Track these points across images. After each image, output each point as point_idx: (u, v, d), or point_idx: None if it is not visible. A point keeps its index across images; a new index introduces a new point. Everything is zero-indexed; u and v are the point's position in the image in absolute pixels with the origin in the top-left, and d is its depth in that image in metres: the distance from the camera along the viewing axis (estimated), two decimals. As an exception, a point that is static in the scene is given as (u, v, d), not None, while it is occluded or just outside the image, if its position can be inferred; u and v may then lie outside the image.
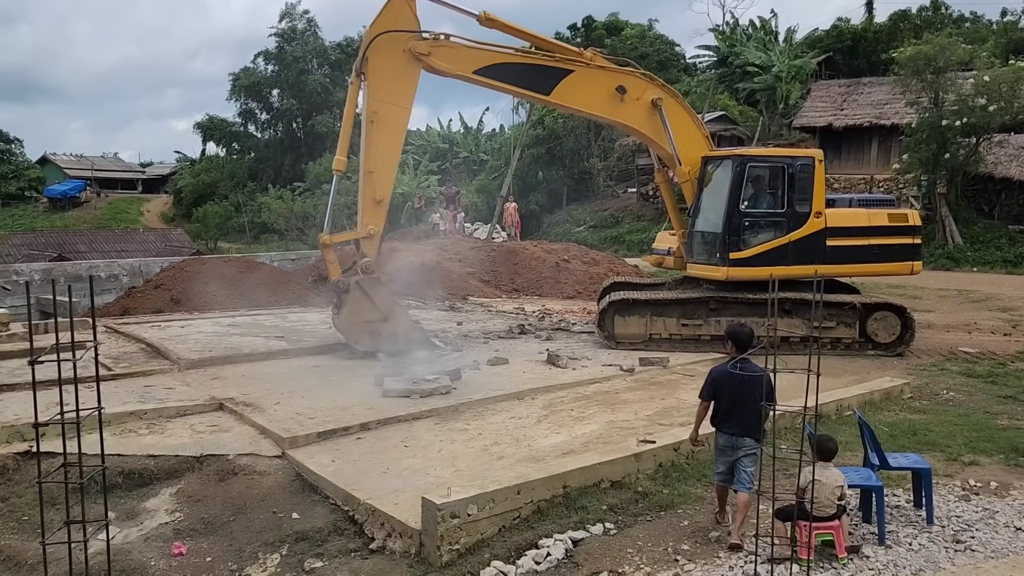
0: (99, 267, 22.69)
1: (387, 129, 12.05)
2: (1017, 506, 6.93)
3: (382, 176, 12.16)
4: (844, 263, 13.13)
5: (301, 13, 57.62)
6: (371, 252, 12.22)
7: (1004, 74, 24.86)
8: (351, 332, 12.31)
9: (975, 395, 10.71)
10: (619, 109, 13.23)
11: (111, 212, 62.76)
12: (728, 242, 12.94)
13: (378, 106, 11.94)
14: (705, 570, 5.90)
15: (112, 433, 8.74)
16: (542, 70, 12.77)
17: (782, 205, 13.08)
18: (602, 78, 13.13)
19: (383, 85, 12.01)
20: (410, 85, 12.24)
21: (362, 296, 12.10)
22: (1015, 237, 26.03)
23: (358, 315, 12.17)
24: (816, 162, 13.12)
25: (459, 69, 12.38)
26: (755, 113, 43.79)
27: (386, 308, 12.33)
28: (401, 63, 11.98)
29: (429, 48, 12.06)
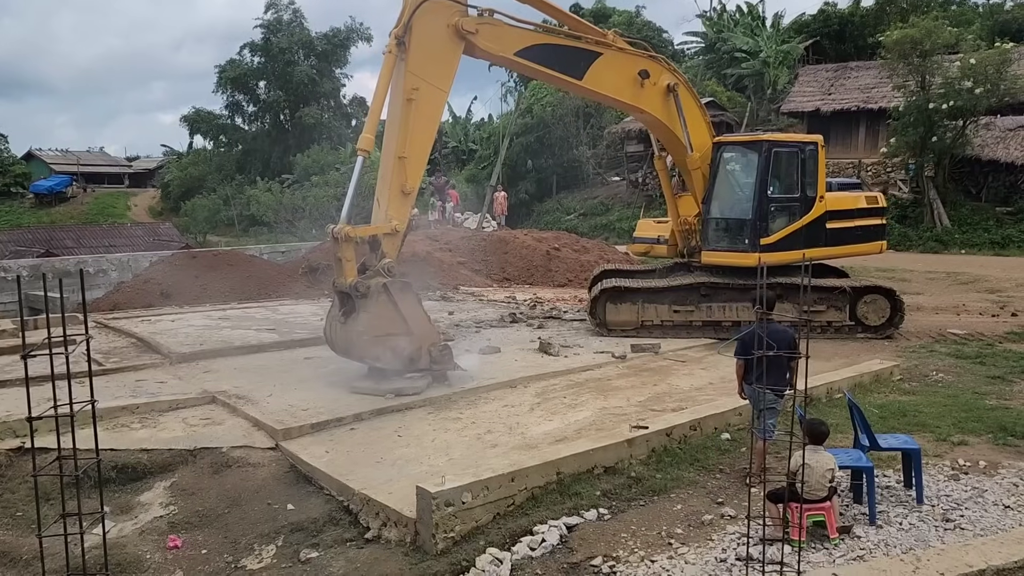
0: (87, 263, 22.53)
1: (425, 111, 10.55)
2: (1006, 484, 7.00)
3: (414, 164, 10.51)
4: (839, 245, 13.43)
5: (287, 4, 57.09)
6: (392, 251, 10.35)
7: (990, 56, 24.93)
8: (371, 346, 9.94)
9: (964, 376, 10.79)
10: (640, 95, 12.89)
11: (98, 207, 62.37)
12: (759, 227, 12.93)
13: (420, 83, 10.37)
14: (699, 552, 5.95)
15: (105, 428, 8.71)
16: (576, 52, 12.14)
17: (797, 189, 13.17)
18: (626, 62, 12.80)
19: (427, 59, 10.52)
20: (452, 66, 10.95)
21: (387, 303, 9.95)
22: (1002, 219, 26.17)
23: (380, 326, 9.91)
24: (819, 147, 13.26)
25: (502, 50, 11.39)
26: (743, 99, 43.82)
27: (413, 319, 10.17)
28: (446, 38, 10.68)
29: (477, 25, 10.83)
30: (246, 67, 56.84)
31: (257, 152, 56.99)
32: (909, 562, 4.90)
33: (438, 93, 10.81)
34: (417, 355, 10.06)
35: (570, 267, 20.96)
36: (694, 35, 53.27)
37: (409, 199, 10.62)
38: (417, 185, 10.85)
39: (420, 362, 10.11)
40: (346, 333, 10.22)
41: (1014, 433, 8.28)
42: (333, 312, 10.64)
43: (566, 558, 6.06)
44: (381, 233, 10.23)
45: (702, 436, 8.22)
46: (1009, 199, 26.98)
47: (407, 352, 9.98)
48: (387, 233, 10.26)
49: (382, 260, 10.12)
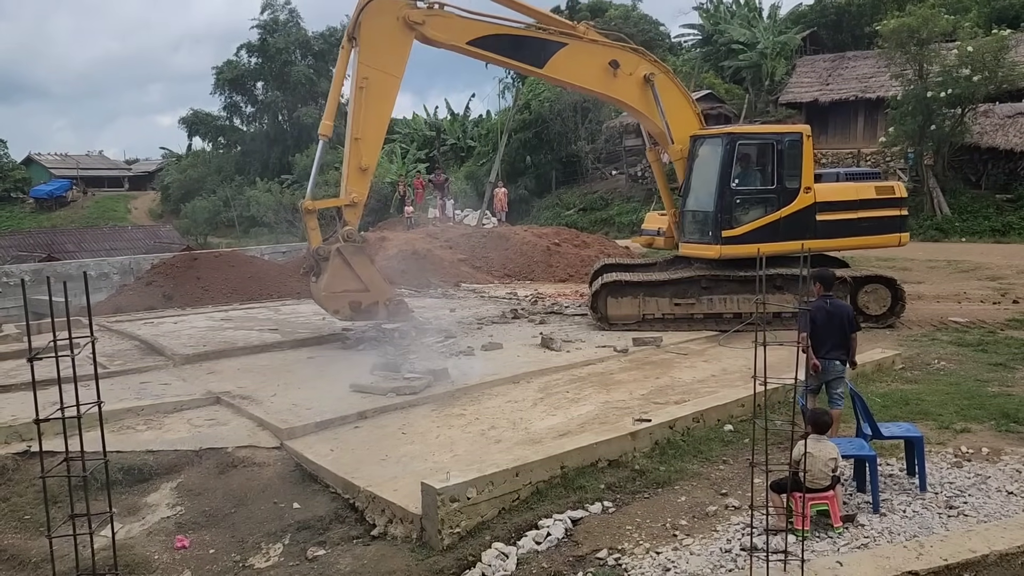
0: (89, 266, 22.55)
1: (376, 96, 11.93)
2: (1008, 471, 7.02)
3: (369, 143, 12.05)
4: (834, 237, 13.19)
5: (283, 4, 57.20)
6: (353, 220, 12.08)
7: (987, 44, 24.84)
8: (330, 301, 12.01)
9: (966, 364, 10.79)
10: (612, 84, 13.21)
11: (98, 210, 62.46)
12: (720, 220, 12.96)
13: (369, 72, 11.79)
14: (703, 544, 5.98)
15: (110, 430, 8.73)
16: (536, 42, 12.73)
17: (772, 181, 13.11)
18: (595, 52, 13.09)
19: (375, 51, 11.84)
20: (402, 54, 12.09)
21: (342, 264, 11.84)
22: (1002, 206, 26.12)
23: (338, 284, 11.87)
24: (804, 137, 13.12)
25: (453, 39, 12.26)
26: (741, 91, 43.75)
27: (368, 278, 12.09)
28: (395, 30, 11.84)
29: (424, 16, 11.91)
30: (243, 68, 56.90)
31: (256, 153, 57.05)
32: (912, 549, 4.92)
33: (389, 79, 12.05)
34: (373, 309, 12.12)
35: (571, 262, 20.99)
36: (691, 27, 53.20)
37: (367, 174, 12.15)
38: (373, 162, 12.44)
39: (378, 314, 12.23)
40: (315, 291, 12.36)
41: (1016, 420, 8.29)
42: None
43: (571, 551, 6.09)
44: (342, 205, 12.00)
45: (705, 428, 8.25)
46: (1009, 186, 26.92)
47: (364, 305, 12.02)
48: (347, 205, 11.97)
49: (344, 228, 11.96)
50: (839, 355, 7.54)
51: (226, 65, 57.15)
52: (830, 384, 7.62)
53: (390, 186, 37.40)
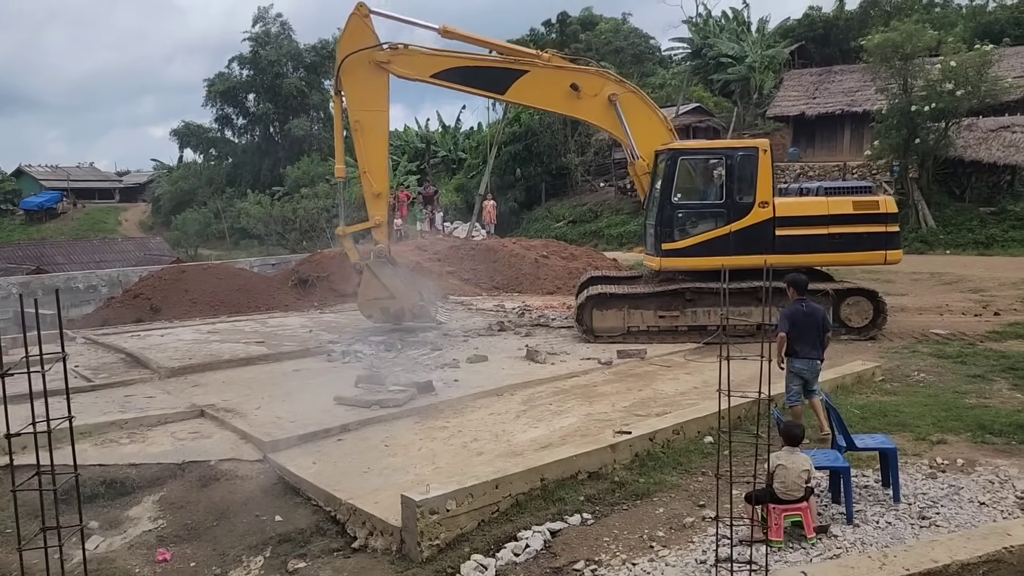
0: (77, 278, 22.58)
1: (370, 133, 13.80)
2: (982, 482, 7.11)
3: (375, 172, 13.94)
4: (797, 252, 12.95)
5: (274, 16, 57.41)
6: (382, 238, 14.28)
7: (970, 59, 25.17)
8: (364, 307, 14.58)
9: (945, 375, 10.91)
10: (575, 105, 14.00)
11: (88, 222, 62.32)
12: (660, 233, 13.30)
13: (359, 115, 13.70)
14: (679, 555, 6.05)
15: (93, 443, 8.82)
16: (496, 72, 13.91)
17: (721, 196, 13.26)
18: (557, 77, 13.82)
19: (359, 96, 13.69)
20: (382, 91, 13.75)
21: (371, 277, 14.14)
22: (986, 219, 26.38)
23: (369, 293, 14.30)
24: (760, 152, 13.17)
25: (417, 74, 13.80)
26: (730, 104, 44.10)
27: (393, 287, 14.21)
28: (370, 74, 13.54)
29: (389, 57, 13.55)
30: (235, 80, 57.01)
31: (247, 165, 57.09)
32: (876, 559, 5.01)
33: (378, 115, 13.88)
34: (401, 313, 14.42)
35: (558, 274, 21.08)
36: (680, 41, 53.64)
37: (381, 198, 14.20)
38: (384, 187, 14.48)
39: (404, 318, 14.47)
40: (358, 300, 14.86)
41: (992, 431, 8.40)
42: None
43: (549, 563, 6.15)
44: (369, 227, 14.29)
45: (685, 440, 8.33)
46: (992, 199, 27.20)
47: (393, 311, 14.37)
48: (373, 226, 14.18)
49: (375, 246, 14.30)
50: (817, 355, 8.16)
51: (218, 77, 57.26)
52: (809, 382, 8.19)
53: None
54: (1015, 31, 42.02)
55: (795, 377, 8.20)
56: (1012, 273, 19.55)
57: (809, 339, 8.06)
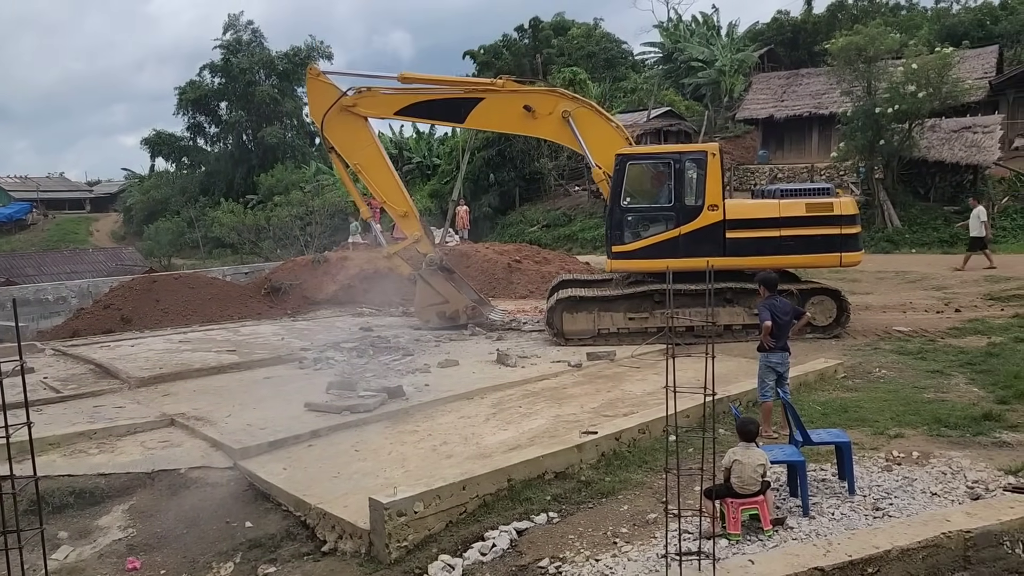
0: (47, 290, 22.38)
1: (371, 169, 15.22)
2: (935, 473, 7.33)
3: (393, 199, 15.33)
4: (747, 255, 13.13)
5: (245, 24, 57.22)
6: (427, 248, 15.61)
7: (931, 61, 25.67)
8: (421, 314, 15.66)
9: (905, 371, 11.16)
10: (531, 125, 14.70)
11: (59, 233, 61.68)
12: (611, 236, 13.63)
13: (355, 159, 15.21)
14: (641, 550, 6.19)
15: (62, 454, 8.81)
16: (454, 102, 14.81)
17: (669, 200, 13.49)
18: (511, 100, 14.50)
19: (347, 144, 15.14)
20: (363, 131, 15.18)
21: (425, 285, 15.34)
22: (950, 218, 26.87)
23: (424, 300, 15.47)
24: (709, 156, 13.35)
25: (382, 113, 15.41)
26: (701, 107, 44.64)
27: (446, 292, 15.42)
28: (346, 122, 14.98)
29: (354, 100, 14.88)
30: (207, 88, 56.72)
31: (220, 173, 56.78)
32: (821, 547, 5.19)
33: (369, 149, 15.27)
34: (455, 315, 15.47)
35: (531, 279, 21.21)
36: (652, 46, 54.28)
37: (408, 217, 15.47)
38: (406, 206, 15.46)
39: (460, 319, 15.46)
40: (415, 309, 16.08)
41: (948, 424, 8.64)
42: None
43: (515, 561, 6.26)
44: (411, 244, 15.64)
45: (651, 439, 8.48)
46: (956, 198, 27.70)
47: (448, 314, 15.47)
48: (415, 243, 15.53)
49: (425, 257, 15.49)
50: (787, 346, 8.67)
51: (189, 85, 56.94)
52: (782, 376, 8.55)
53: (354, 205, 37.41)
54: (978, 33, 42.94)
55: (770, 371, 8.52)
56: (974, 270, 19.96)
57: (784, 333, 8.51)
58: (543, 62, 48.95)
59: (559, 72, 42.04)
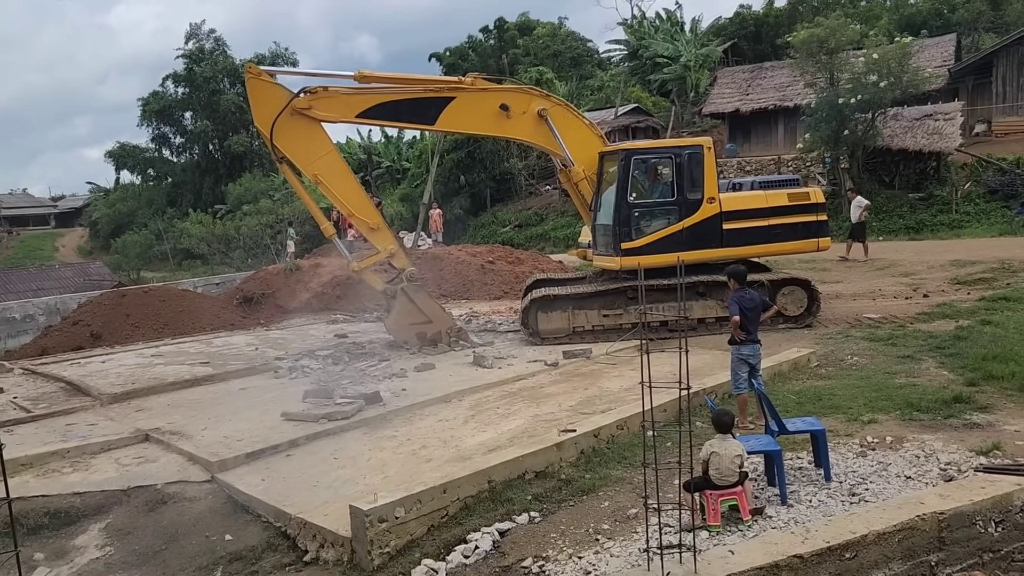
0: (13, 308, 22.03)
1: (332, 178, 13.32)
2: (908, 456, 7.45)
3: (361, 209, 13.63)
4: (743, 245, 13.51)
5: (207, 32, 56.69)
6: (404, 263, 13.92)
7: (892, 51, 26.10)
8: (400, 333, 13.94)
9: (877, 358, 11.32)
10: (506, 125, 13.86)
11: (24, 250, 60.72)
12: (619, 233, 13.40)
13: (313, 170, 13.16)
14: (623, 545, 6.22)
15: (35, 474, 8.68)
16: (422, 103, 13.40)
17: (672, 194, 13.56)
18: (485, 99, 13.71)
19: (302, 153, 13.10)
20: (319, 136, 13.16)
21: (407, 301, 13.77)
22: (915, 205, 27.36)
23: (405, 318, 13.83)
24: (705, 150, 13.57)
25: (341, 115, 13.30)
26: (668, 103, 44.90)
27: (430, 311, 14.03)
28: (299, 127, 12.91)
29: (308, 103, 12.85)
30: (170, 99, 56.14)
31: (187, 184, 56.24)
32: (799, 534, 5.26)
33: (328, 157, 13.36)
34: (437, 336, 13.83)
35: (505, 279, 21.24)
36: (617, 43, 54.53)
37: (380, 230, 13.83)
38: (376, 218, 13.95)
39: (442, 342, 13.77)
40: (387, 324, 14.34)
41: (920, 408, 8.77)
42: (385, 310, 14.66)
43: (498, 562, 6.27)
44: (383, 259, 13.89)
45: (629, 435, 8.53)
46: (920, 185, 28.21)
47: (429, 335, 13.82)
48: (388, 257, 13.82)
49: (407, 270, 13.88)
50: (758, 338, 8.77)
51: (152, 96, 56.33)
52: (755, 367, 8.65)
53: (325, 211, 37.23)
54: (936, 22, 43.70)
55: (743, 364, 8.61)
56: (940, 256, 20.29)
57: (754, 325, 8.63)
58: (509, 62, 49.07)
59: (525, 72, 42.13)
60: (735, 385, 8.73)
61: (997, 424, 8.17)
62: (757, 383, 8.15)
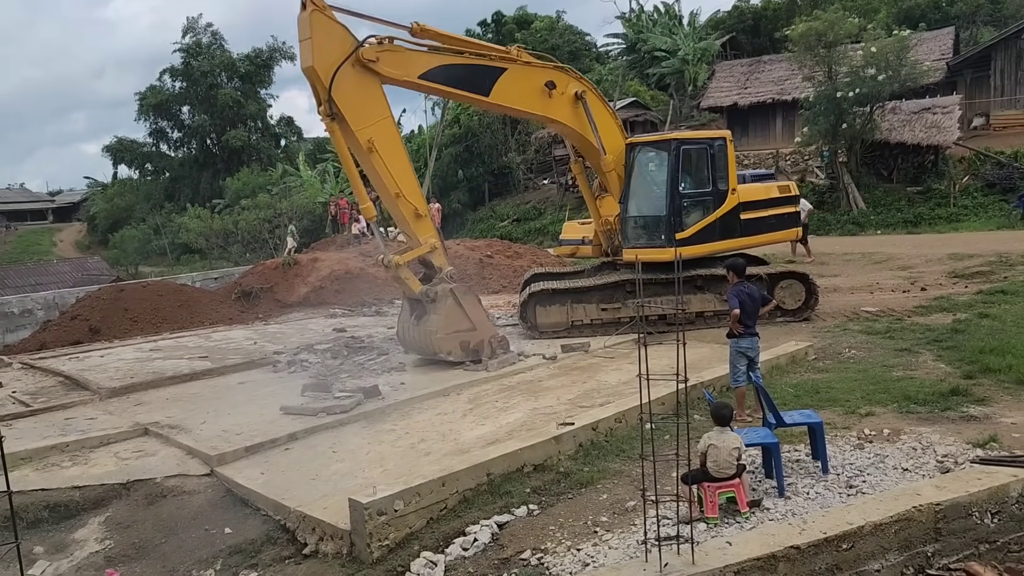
0: (11, 303, 22.01)
1: (388, 148, 11.64)
2: (906, 449, 7.47)
3: (410, 191, 11.86)
4: (754, 234, 13.89)
5: (204, 26, 56.50)
6: (443, 262, 12.24)
7: (890, 44, 26.08)
8: (444, 343, 11.83)
9: (874, 351, 11.34)
10: (549, 105, 13.19)
11: (22, 245, 60.61)
12: (673, 223, 13.24)
13: (369, 133, 11.37)
14: (622, 537, 6.25)
15: (35, 468, 8.70)
16: (481, 70, 12.49)
17: (708, 184, 13.58)
18: (532, 74, 13.08)
19: (360, 113, 11.35)
20: (379, 95, 11.63)
21: (455, 305, 11.89)
22: (913, 198, 27.38)
23: (451, 325, 11.85)
24: (727, 142, 13.74)
25: (406, 74, 11.81)
26: (666, 97, 44.86)
27: (476, 318, 12.13)
28: (361, 81, 11.32)
29: (376, 53, 11.34)
30: (167, 93, 55.94)
31: (185, 178, 56.13)
32: (796, 525, 5.28)
33: (385, 123, 11.67)
34: (480, 347, 11.98)
35: (503, 273, 21.27)
36: (615, 37, 54.33)
37: (424, 219, 12.09)
38: (423, 202, 12.25)
39: (483, 352, 11.96)
40: (420, 333, 12.08)
41: (917, 401, 8.79)
42: (403, 317, 12.56)
43: (497, 554, 6.29)
44: (424, 254, 12.03)
45: (627, 428, 8.55)
46: (918, 179, 28.22)
47: (472, 345, 11.95)
48: (428, 252, 12.03)
49: (444, 270, 12.10)
50: (757, 331, 8.81)
51: (150, 90, 56.13)
52: (753, 360, 8.65)
53: (322, 206, 37.27)
54: (935, 15, 43.63)
55: (741, 357, 8.63)
56: (938, 249, 20.34)
57: (753, 317, 8.67)
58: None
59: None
60: (733, 378, 8.74)
61: (994, 416, 8.19)
62: (755, 376, 8.18)
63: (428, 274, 12.15)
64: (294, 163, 45.61)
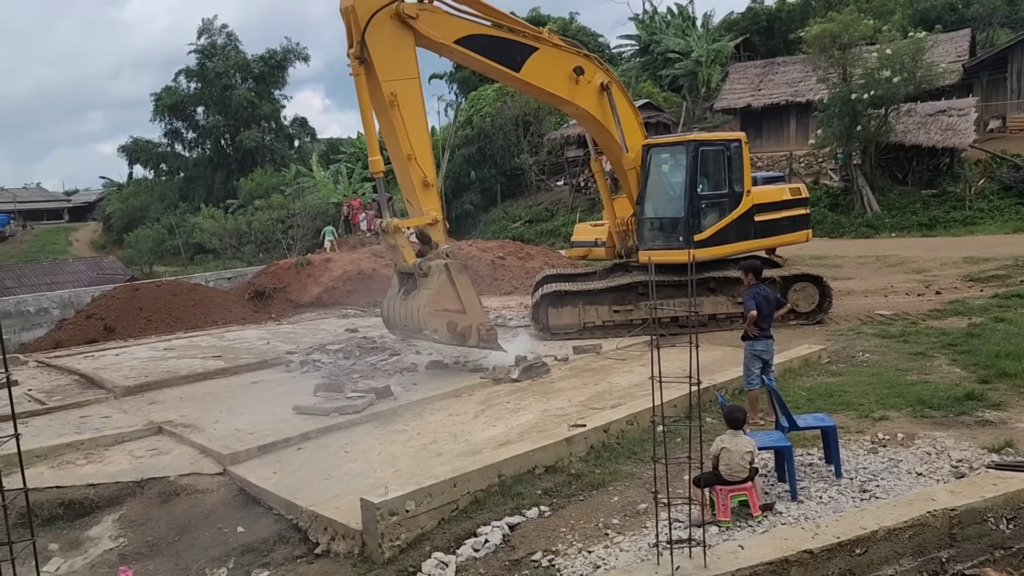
0: (27, 302, 22.19)
1: (410, 106, 11.39)
2: (920, 454, 7.43)
3: (423, 156, 11.57)
4: (767, 236, 13.93)
5: (220, 28, 56.80)
6: (441, 238, 11.85)
7: (905, 46, 25.92)
8: (431, 318, 11.17)
9: (888, 355, 11.28)
10: (575, 91, 13.10)
11: (38, 244, 61.13)
12: (691, 225, 13.26)
13: (394, 86, 11.19)
14: (633, 540, 6.24)
15: (50, 466, 8.77)
16: (514, 46, 12.45)
17: (725, 186, 13.58)
18: (562, 57, 13.06)
19: (389, 62, 11.23)
20: (411, 53, 11.53)
21: (447, 282, 11.29)
22: (928, 201, 27.20)
23: (441, 301, 11.23)
24: (743, 144, 13.77)
25: (442, 37, 11.70)
26: (679, 98, 44.75)
27: (468, 300, 11.51)
28: (396, 33, 11.25)
29: (417, 10, 11.37)
30: (183, 94, 56.27)
31: (200, 179, 56.43)
32: (809, 529, 5.26)
33: (412, 84, 11.52)
34: (468, 332, 11.45)
35: (515, 275, 21.28)
36: (628, 38, 54.27)
37: (432, 189, 11.67)
38: (433, 174, 11.88)
39: (470, 339, 11.49)
40: (406, 308, 11.51)
41: (931, 405, 8.74)
42: (391, 293, 12.05)
43: (508, 556, 6.29)
44: (424, 224, 11.60)
45: (639, 430, 8.54)
46: (933, 182, 28.02)
47: (459, 328, 11.36)
48: (429, 224, 11.59)
49: (439, 247, 11.58)
50: (772, 334, 8.79)
51: (165, 91, 56.47)
52: (767, 363, 8.67)
53: (335, 207, 37.41)
54: (951, 17, 43.35)
55: (756, 359, 8.62)
56: (953, 252, 20.20)
57: (769, 320, 8.66)
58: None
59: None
60: (747, 381, 8.71)
61: (1009, 421, 8.13)
62: (768, 379, 8.15)
63: (424, 250, 11.74)
64: (307, 164, 45.79)
